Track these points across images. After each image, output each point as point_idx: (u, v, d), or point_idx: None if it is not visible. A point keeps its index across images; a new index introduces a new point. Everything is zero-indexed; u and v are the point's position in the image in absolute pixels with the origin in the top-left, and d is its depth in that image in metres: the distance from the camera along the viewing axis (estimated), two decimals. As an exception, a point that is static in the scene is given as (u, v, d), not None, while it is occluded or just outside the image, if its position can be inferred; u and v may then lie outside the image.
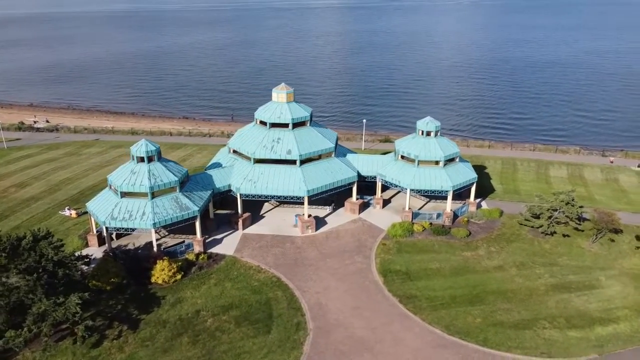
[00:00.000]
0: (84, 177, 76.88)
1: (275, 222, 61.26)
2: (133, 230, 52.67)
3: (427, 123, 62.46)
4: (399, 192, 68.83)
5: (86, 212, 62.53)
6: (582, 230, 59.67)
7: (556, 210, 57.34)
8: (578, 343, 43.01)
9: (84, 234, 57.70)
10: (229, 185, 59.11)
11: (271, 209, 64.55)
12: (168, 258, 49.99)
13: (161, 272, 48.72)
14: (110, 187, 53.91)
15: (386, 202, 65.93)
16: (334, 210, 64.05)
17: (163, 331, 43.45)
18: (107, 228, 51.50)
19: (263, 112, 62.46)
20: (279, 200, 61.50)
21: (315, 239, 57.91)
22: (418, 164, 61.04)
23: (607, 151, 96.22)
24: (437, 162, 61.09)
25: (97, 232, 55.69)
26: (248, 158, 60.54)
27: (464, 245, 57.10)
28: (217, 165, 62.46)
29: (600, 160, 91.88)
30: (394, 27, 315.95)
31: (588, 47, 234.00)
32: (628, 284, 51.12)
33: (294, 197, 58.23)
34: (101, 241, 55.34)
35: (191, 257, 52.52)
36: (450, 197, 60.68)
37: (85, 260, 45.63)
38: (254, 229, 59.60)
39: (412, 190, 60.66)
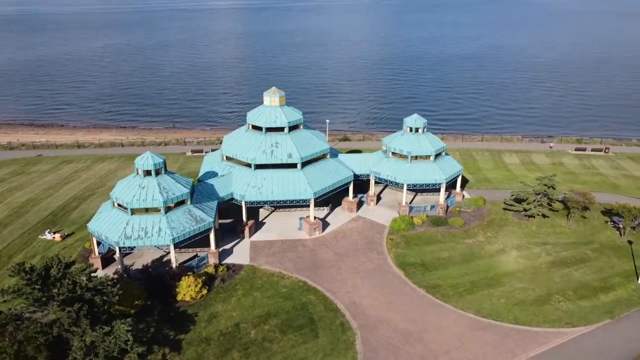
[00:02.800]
0: (48, 196, 70.71)
1: (278, 227, 60.81)
2: (132, 248, 49.91)
3: (415, 120, 65.23)
4: (385, 187, 71.12)
5: (70, 235, 58.27)
6: (557, 211, 65.76)
7: (539, 194, 62.71)
8: (591, 311, 47.71)
9: (82, 257, 53.49)
10: (232, 194, 57.73)
11: (268, 215, 63.90)
12: (192, 273, 48.05)
13: (187, 289, 46.73)
14: (115, 205, 50.49)
15: (377, 199, 67.85)
16: (332, 210, 64.84)
17: (209, 349, 41.87)
18: (120, 248, 48.27)
19: (257, 117, 61.62)
20: (273, 205, 60.88)
21: (325, 240, 58.39)
22: (411, 160, 63.62)
23: (536, 137, 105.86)
24: (428, 157, 64.08)
25: (99, 253, 51.93)
26: (247, 164, 59.47)
27: (463, 233, 60.60)
28: (212, 174, 60.63)
29: (540, 146, 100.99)
30: (307, 27, 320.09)
31: (494, 42, 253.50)
32: (610, 255, 57.31)
33: (299, 200, 58.21)
34: (104, 263, 51.75)
35: (210, 270, 50.80)
36: (443, 189, 64.00)
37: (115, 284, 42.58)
38: (259, 236, 58.74)
39: (409, 185, 63.05)
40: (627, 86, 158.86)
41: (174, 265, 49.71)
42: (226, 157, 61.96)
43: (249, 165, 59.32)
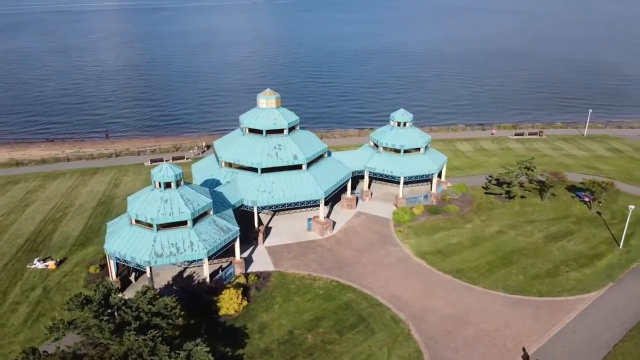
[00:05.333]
0: (13, 222, 63.23)
1: (286, 230, 60.00)
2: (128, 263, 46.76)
3: (403, 114, 67.56)
4: (370, 181, 72.72)
5: (63, 261, 53.14)
6: (530, 191, 71.77)
7: (518, 176, 68.14)
8: (595, 277, 53.03)
9: (90, 282, 48.81)
10: (242, 200, 55.94)
11: (270, 219, 62.71)
12: (232, 286, 46.11)
13: (230, 301, 44.82)
14: (133, 222, 46.75)
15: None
16: (331, 208, 65.18)
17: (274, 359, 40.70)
18: (150, 268, 44.91)
19: (255, 120, 60.10)
20: (279, 208, 59.87)
21: (338, 239, 58.69)
22: (403, 153, 65.85)
23: (477, 126, 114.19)
24: (418, 149, 66.74)
25: (117, 276, 47.85)
26: (253, 169, 57.89)
27: (461, 219, 64.07)
28: (215, 181, 58.19)
29: (483, 134, 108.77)
30: (208, 27, 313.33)
31: (398, 38, 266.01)
32: (589, 226, 63.85)
33: (310, 201, 57.92)
34: (123, 286, 47.82)
35: (242, 280, 49.02)
36: (435, 179, 67.07)
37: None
38: (272, 241, 57.58)
39: (405, 178, 65.20)
40: (527, 75, 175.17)
41: (207, 279, 47.26)
42: (226, 163, 59.70)
43: (254, 169, 57.79)
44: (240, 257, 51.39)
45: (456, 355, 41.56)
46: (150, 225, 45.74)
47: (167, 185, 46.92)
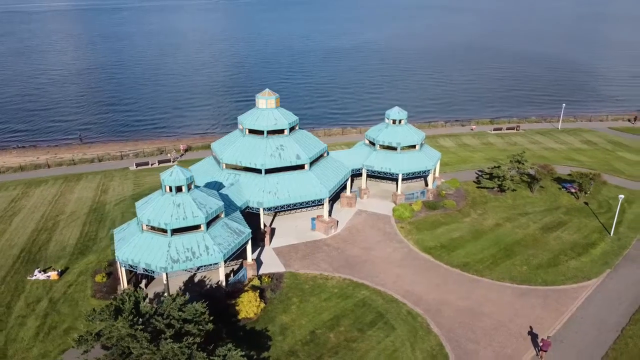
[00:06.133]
0: (3, 232, 60.83)
1: (290, 230, 59.84)
2: (153, 271, 45.89)
3: (398, 112, 68.39)
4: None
5: (65, 271, 51.42)
6: (519, 183, 73.97)
7: (510, 169, 70.16)
8: (593, 265, 55.20)
9: (99, 292, 47.38)
10: (247, 202, 55.43)
11: (272, 220, 62.36)
12: (250, 288, 45.70)
13: (249, 305, 44.44)
14: (144, 228, 45.59)
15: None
16: (331, 206, 65.37)
17: (300, 360, 40.66)
18: (167, 274, 43.97)
19: (255, 121, 59.59)
20: (278, 210, 59.53)
21: (343, 237, 58.95)
22: (400, 150, 66.70)
23: (456, 122, 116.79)
24: (414, 146, 67.73)
25: (127, 284, 46.60)
26: (256, 170, 57.44)
27: (458, 214, 65.46)
28: (217, 184, 57.39)
29: (462, 129, 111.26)
30: (170, 28, 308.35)
31: (365, 37, 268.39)
32: (579, 216, 66.36)
33: (315, 201, 57.96)
34: (134, 294, 46.56)
35: (256, 282, 48.62)
36: (432, 175, 68.25)
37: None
38: (278, 242, 57.35)
39: (403, 174, 66.05)
40: (493, 71, 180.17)
41: (223, 283, 46.64)
42: (227, 164, 58.98)
43: (257, 170, 57.35)
44: (252, 259, 50.93)
45: (477, 346, 42.53)
46: (163, 231, 44.77)
47: (179, 189, 46.01)
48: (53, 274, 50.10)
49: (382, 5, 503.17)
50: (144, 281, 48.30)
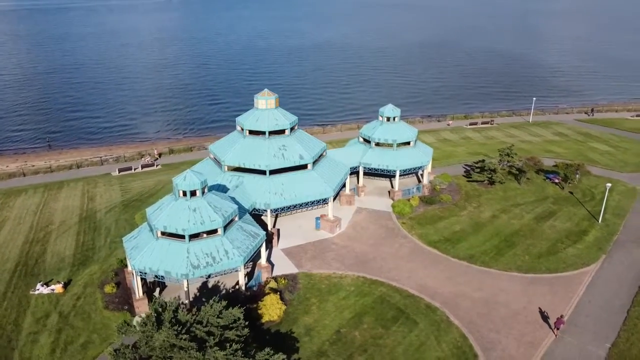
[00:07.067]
0: (-10, 246, 57.46)
1: (295, 231, 59.56)
2: (162, 278, 44.86)
3: (392, 109, 69.13)
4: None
5: (69, 283, 49.38)
6: (507, 176, 76.34)
7: (501, 162, 72.33)
8: (589, 251, 57.68)
9: (111, 302, 45.66)
10: (254, 203, 54.75)
11: (275, 221, 61.82)
12: (271, 291, 45.18)
13: (272, 307, 44.00)
14: (159, 234, 44.24)
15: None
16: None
17: (331, 360, 40.60)
18: (187, 282, 42.86)
19: (256, 122, 58.85)
20: (285, 210, 59.23)
21: (349, 235, 59.16)
22: (397, 147, 67.52)
23: (430, 117, 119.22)
24: (409, 143, 68.71)
25: (144, 293, 45.14)
26: (260, 171, 56.78)
27: (455, 207, 66.90)
28: (220, 186, 56.33)
29: (439, 125, 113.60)
30: (124, 28, 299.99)
31: (328, 35, 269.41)
32: (567, 205, 69.13)
33: (319, 200, 57.90)
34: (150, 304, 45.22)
35: (273, 284, 48.13)
36: (427, 170, 69.43)
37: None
38: (285, 243, 56.98)
39: (400, 171, 66.87)
40: (459, 67, 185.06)
41: (243, 287, 45.91)
42: (229, 167, 58.02)
43: (262, 172, 56.71)
44: (266, 262, 50.39)
45: (498, 335, 43.69)
46: (181, 237, 43.61)
47: (193, 193, 44.94)
48: (58, 287, 47.89)
49: (341, 3, 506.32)
50: (157, 289, 46.88)
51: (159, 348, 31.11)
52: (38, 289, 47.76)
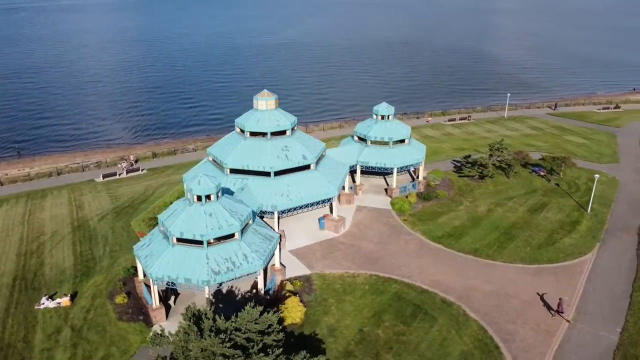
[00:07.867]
0: (-18, 260, 54.53)
1: (300, 231, 59.20)
2: (180, 285, 43.95)
3: (386, 108, 69.69)
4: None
5: (75, 295, 47.58)
6: (496, 170, 78.27)
7: (492, 157, 74.16)
8: (584, 240, 59.83)
9: (124, 313, 44.14)
10: (261, 206, 54.09)
11: (278, 223, 61.22)
12: (292, 293, 44.79)
13: (294, 310, 43.68)
14: (174, 241, 43.07)
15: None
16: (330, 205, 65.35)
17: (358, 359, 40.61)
18: (208, 288, 41.89)
19: (257, 123, 58.13)
20: (292, 212, 58.85)
21: (354, 234, 59.30)
22: (392, 145, 68.12)
23: (410, 114, 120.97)
24: (404, 140, 69.45)
25: (160, 303, 43.85)
26: (265, 173, 56.11)
27: (452, 202, 68.10)
28: (224, 189, 55.23)
29: (418, 122, 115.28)
30: (81, 28, 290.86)
31: (292, 33, 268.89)
32: (554, 196, 71.53)
33: (324, 200, 57.78)
34: (166, 313, 44.08)
35: (289, 287, 47.72)
36: (422, 167, 70.37)
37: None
38: (292, 244, 56.55)
39: (397, 168, 67.51)
40: (427, 65, 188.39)
41: (262, 291, 45.29)
42: (232, 169, 57.04)
43: (266, 174, 56.06)
44: (280, 264, 49.91)
45: (515, 326, 44.78)
46: (199, 243, 42.61)
47: (208, 197, 44.01)
48: (64, 300, 45.92)
49: (306, 1, 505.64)
50: (172, 297, 45.68)
51: (201, 357, 30.32)
52: (43, 303, 45.66)
